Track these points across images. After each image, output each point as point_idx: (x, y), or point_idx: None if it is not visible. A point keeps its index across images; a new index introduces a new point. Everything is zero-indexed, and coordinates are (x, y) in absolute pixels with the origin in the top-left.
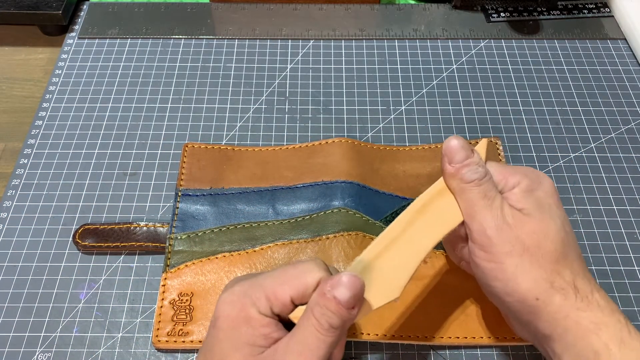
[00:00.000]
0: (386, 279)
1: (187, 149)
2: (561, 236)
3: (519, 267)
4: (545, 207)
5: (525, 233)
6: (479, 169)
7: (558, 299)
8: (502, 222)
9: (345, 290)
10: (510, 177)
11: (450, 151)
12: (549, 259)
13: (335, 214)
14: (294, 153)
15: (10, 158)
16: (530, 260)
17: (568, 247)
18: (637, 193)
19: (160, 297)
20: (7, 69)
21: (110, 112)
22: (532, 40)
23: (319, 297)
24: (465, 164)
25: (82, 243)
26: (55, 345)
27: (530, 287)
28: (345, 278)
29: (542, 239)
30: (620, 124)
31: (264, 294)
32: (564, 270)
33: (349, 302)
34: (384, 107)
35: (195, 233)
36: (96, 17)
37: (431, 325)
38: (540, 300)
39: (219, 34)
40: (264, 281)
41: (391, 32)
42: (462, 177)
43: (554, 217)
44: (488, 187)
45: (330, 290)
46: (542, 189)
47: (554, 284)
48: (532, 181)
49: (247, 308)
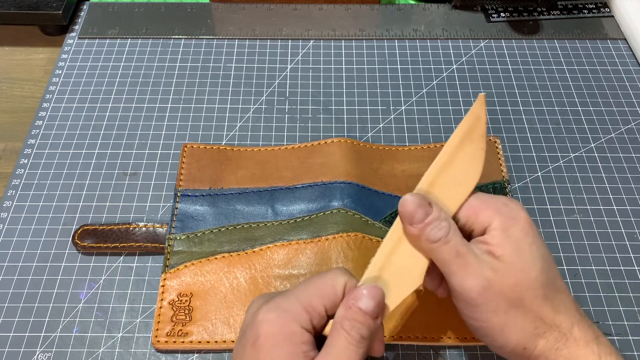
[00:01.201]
0: (405, 272)
1: (186, 149)
2: (541, 281)
3: (505, 323)
4: (525, 249)
5: (507, 287)
6: (442, 223)
7: (541, 343)
8: (483, 281)
9: (368, 299)
10: (482, 213)
11: (407, 213)
12: (531, 308)
13: (335, 214)
14: (293, 153)
15: (10, 158)
16: (514, 314)
17: (549, 289)
18: (637, 193)
19: (160, 297)
20: (7, 69)
21: (110, 112)
22: (532, 40)
23: (346, 310)
24: (427, 222)
25: (81, 244)
26: (55, 345)
27: (519, 339)
28: (365, 290)
29: (525, 290)
30: (620, 124)
31: (303, 307)
32: (546, 313)
33: (374, 311)
34: (384, 107)
35: (194, 233)
36: (96, 17)
37: (431, 326)
38: (527, 349)
39: (219, 34)
40: (299, 294)
41: (391, 32)
42: (427, 238)
43: (534, 260)
44: (457, 241)
45: (354, 303)
46: (517, 227)
47: (537, 330)
48: (506, 218)
49: (290, 323)
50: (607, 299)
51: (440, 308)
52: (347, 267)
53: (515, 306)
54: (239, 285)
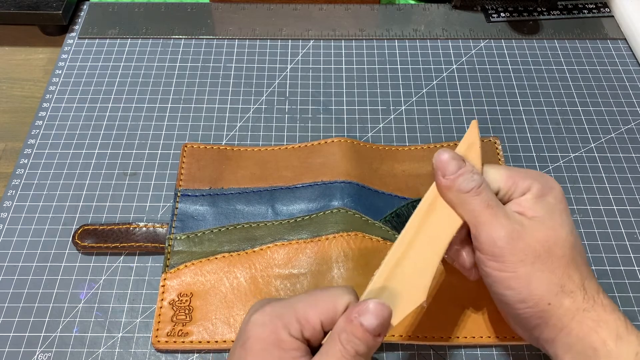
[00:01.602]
0: (409, 286)
1: (186, 149)
2: (570, 241)
3: (532, 275)
4: (556, 213)
5: (536, 241)
6: (474, 176)
7: (567, 302)
8: (512, 231)
9: (372, 317)
10: (521, 182)
11: (441, 164)
12: (559, 265)
13: (335, 214)
14: (293, 153)
15: (10, 158)
16: (542, 268)
17: (576, 252)
18: (637, 193)
19: (160, 297)
20: (7, 69)
21: (110, 112)
22: (532, 40)
23: (346, 323)
24: (459, 173)
25: (81, 244)
26: (55, 345)
27: (543, 293)
28: (372, 305)
29: (553, 245)
30: (620, 124)
31: (296, 317)
32: (574, 274)
33: (376, 330)
34: (384, 107)
35: (194, 233)
36: (96, 17)
37: (431, 325)
38: (551, 304)
39: (219, 34)
40: (295, 304)
41: (391, 32)
42: (459, 188)
43: (563, 224)
44: (488, 195)
45: (357, 317)
46: (552, 195)
47: (564, 288)
48: (543, 186)
49: (279, 330)
50: None
51: (440, 308)
52: (347, 266)
53: (543, 260)
54: (239, 285)
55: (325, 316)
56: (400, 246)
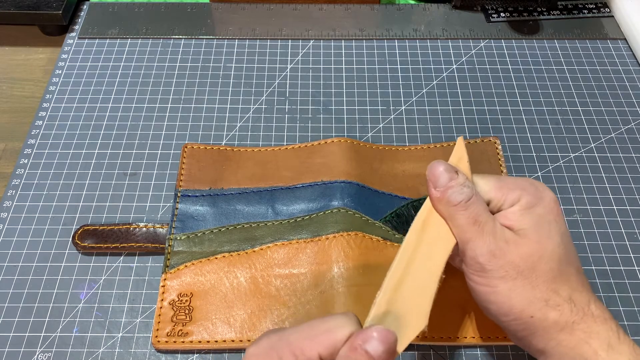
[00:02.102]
0: (411, 311)
1: (187, 149)
2: (558, 255)
3: (512, 291)
4: (544, 225)
5: (519, 257)
6: (464, 189)
7: (553, 315)
8: (494, 248)
9: (378, 344)
10: (510, 193)
11: (433, 176)
12: (543, 280)
13: (335, 213)
14: (293, 153)
15: (10, 158)
16: (523, 283)
17: (565, 264)
18: (637, 193)
19: (160, 297)
20: (7, 69)
21: (110, 112)
22: (532, 40)
23: (350, 351)
24: (449, 185)
25: (81, 244)
26: (55, 345)
27: (524, 307)
28: (377, 332)
29: (537, 260)
30: (620, 124)
31: (290, 349)
32: (560, 287)
33: (382, 357)
34: (384, 107)
35: (194, 234)
36: (96, 17)
37: (431, 325)
38: (535, 318)
39: (219, 34)
40: (291, 336)
41: (391, 32)
42: (447, 200)
43: (552, 235)
44: (477, 210)
45: (361, 345)
46: (542, 205)
47: (549, 302)
48: (533, 196)
49: None
50: (607, 299)
51: (440, 308)
52: (347, 266)
53: (525, 275)
54: (239, 285)
55: (324, 348)
56: (400, 265)
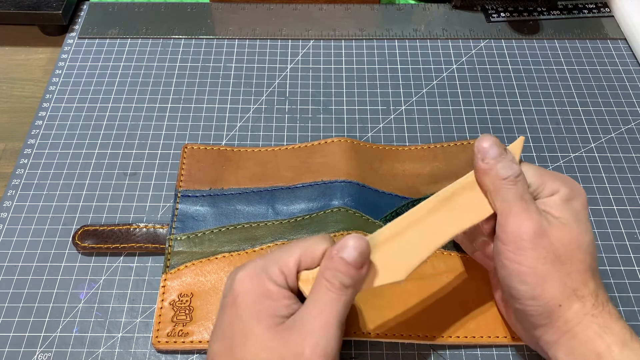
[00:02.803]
0: (396, 260)
1: (187, 150)
2: (592, 249)
3: (549, 274)
4: (581, 219)
5: (560, 242)
6: (514, 165)
7: (577, 306)
8: (540, 227)
9: (352, 250)
10: (549, 183)
11: (483, 148)
12: (577, 269)
13: (335, 213)
14: (294, 153)
15: (10, 158)
16: (560, 268)
17: (593, 259)
18: (637, 193)
19: (160, 297)
20: (7, 69)
21: (110, 112)
22: (532, 40)
23: (328, 260)
24: (500, 159)
25: (81, 244)
26: (55, 345)
27: (556, 294)
28: (351, 240)
29: (576, 249)
30: (620, 124)
31: (278, 267)
32: (589, 280)
33: (357, 261)
34: (384, 107)
35: (194, 234)
36: (96, 17)
37: (431, 325)
38: (562, 307)
39: (219, 34)
40: (275, 255)
41: (391, 32)
42: (496, 173)
43: (587, 231)
44: (524, 187)
45: (337, 253)
46: (579, 201)
47: (577, 292)
48: (571, 190)
49: (266, 282)
50: None
51: (440, 307)
52: None
53: (563, 261)
54: None
55: (305, 263)
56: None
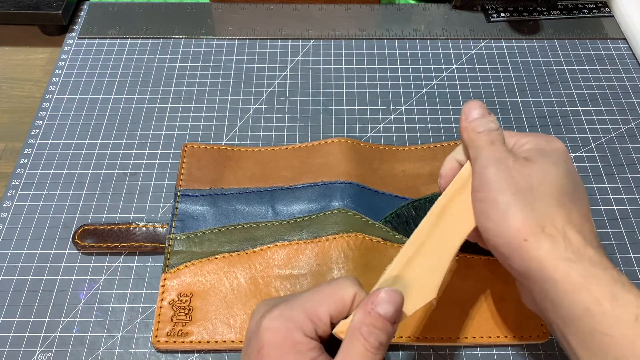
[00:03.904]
0: (420, 283)
1: (187, 149)
2: (559, 183)
3: (510, 206)
4: (550, 157)
5: (521, 175)
6: (491, 124)
7: (547, 244)
8: (501, 163)
9: (388, 305)
10: (522, 138)
11: (468, 109)
12: (542, 204)
13: (335, 215)
14: (294, 153)
15: (10, 158)
16: (522, 201)
17: (565, 196)
18: (637, 193)
19: (160, 297)
20: (7, 69)
21: (110, 112)
22: (532, 40)
23: (365, 316)
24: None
25: (81, 243)
26: (55, 345)
27: (520, 226)
28: (385, 294)
29: (538, 182)
30: (620, 124)
31: (307, 316)
32: (557, 218)
33: (393, 317)
34: (384, 107)
35: (194, 233)
36: (96, 17)
37: (431, 326)
38: (528, 242)
39: (219, 34)
40: (304, 303)
41: (391, 32)
42: (474, 128)
43: (556, 165)
44: (496, 137)
45: (373, 308)
46: (551, 147)
47: (544, 229)
48: (544, 140)
49: (293, 333)
50: None
51: (440, 308)
52: (347, 267)
53: (523, 193)
54: (239, 285)
55: (334, 309)
56: (412, 246)
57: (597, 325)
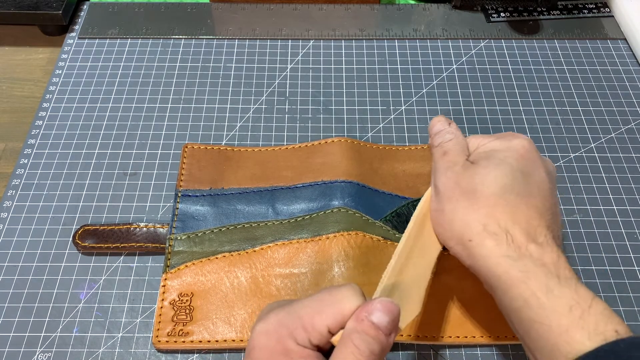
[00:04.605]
0: (407, 297)
1: (187, 149)
2: (502, 182)
3: (455, 211)
4: (496, 158)
5: (464, 178)
6: (447, 135)
7: (490, 243)
8: (449, 171)
9: (383, 315)
10: (483, 140)
11: (430, 126)
12: (484, 204)
13: (335, 213)
14: (294, 153)
15: (10, 158)
16: (465, 205)
17: (510, 194)
18: (637, 193)
19: (161, 297)
20: (7, 69)
21: (110, 112)
22: (532, 40)
23: (357, 323)
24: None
25: (82, 244)
26: (55, 345)
27: (462, 228)
28: (380, 304)
29: (479, 183)
30: (620, 124)
31: (301, 324)
32: (500, 216)
33: (387, 328)
34: (384, 107)
35: (195, 233)
36: (96, 17)
37: (431, 325)
38: (473, 242)
39: (219, 34)
40: (300, 310)
41: (391, 32)
42: (432, 144)
43: (500, 165)
44: (450, 146)
45: (367, 316)
46: (506, 147)
47: (486, 227)
48: (501, 142)
49: (285, 340)
50: (607, 299)
51: (440, 307)
52: (347, 265)
53: (467, 197)
54: (239, 285)
55: (332, 320)
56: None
57: (534, 316)
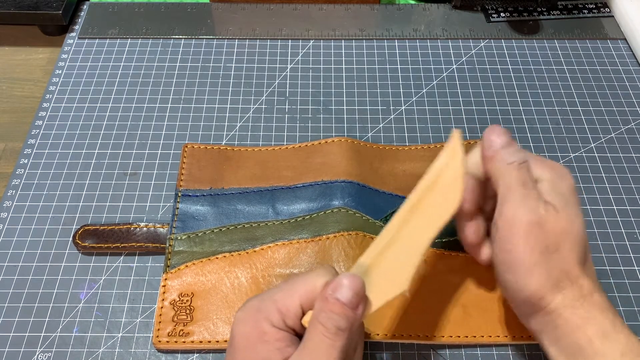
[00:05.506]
0: (391, 275)
1: (187, 149)
2: (581, 236)
3: (536, 264)
4: (571, 203)
5: (552, 230)
6: (519, 153)
7: (558, 299)
8: (534, 216)
9: (347, 290)
10: (535, 167)
11: (490, 135)
12: (564, 261)
13: (335, 213)
14: (294, 153)
15: (10, 158)
16: (548, 259)
17: (582, 247)
18: (637, 193)
19: (161, 297)
20: (7, 69)
21: (110, 112)
22: (532, 40)
23: (322, 302)
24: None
25: (82, 244)
26: (55, 345)
27: (540, 285)
28: (345, 279)
29: (565, 239)
30: (620, 124)
31: (275, 307)
32: (573, 271)
33: (352, 302)
34: (384, 107)
35: (195, 233)
36: (96, 17)
37: (431, 324)
38: (543, 299)
39: (219, 34)
40: (275, 295)
41: (391, 32)
42: (501, 158)
43: (578, 215)
44: (526, 175)
45: (331, 294)
46: (565, 183)
47: (559, 283)
48: (557, 175)
49: (261, 323)
50: None
51: (440, 307)
52: (347, 265)
53: (551, 251)
54: (240, 285)
55: (305, 298)
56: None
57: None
